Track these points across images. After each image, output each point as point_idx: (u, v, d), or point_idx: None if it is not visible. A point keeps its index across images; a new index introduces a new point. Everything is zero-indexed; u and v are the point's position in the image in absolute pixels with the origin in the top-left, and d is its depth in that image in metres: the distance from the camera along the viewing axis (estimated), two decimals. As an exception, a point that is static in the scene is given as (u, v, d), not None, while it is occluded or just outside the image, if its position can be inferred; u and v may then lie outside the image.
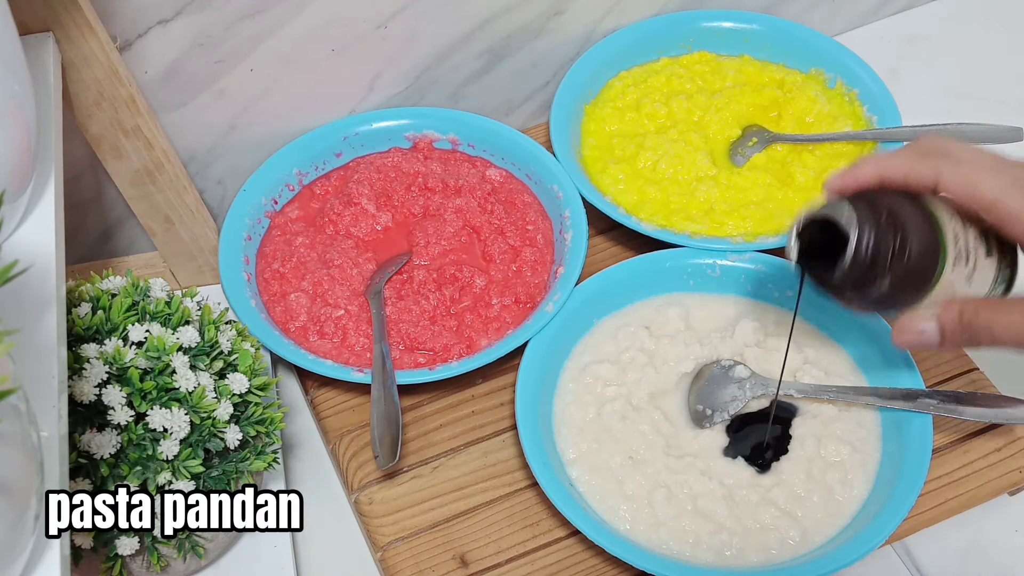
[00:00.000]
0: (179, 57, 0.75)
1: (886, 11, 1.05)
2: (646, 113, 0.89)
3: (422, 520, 0.71)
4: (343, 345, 0.75)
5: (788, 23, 0.92)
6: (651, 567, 0.64)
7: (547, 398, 0.73)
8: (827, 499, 0.69)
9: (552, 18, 0.89)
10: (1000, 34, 1.04)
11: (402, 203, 0.84)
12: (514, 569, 0.69)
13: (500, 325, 0.76)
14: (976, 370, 0.77)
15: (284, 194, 0.84)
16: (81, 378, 0.56)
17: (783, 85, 0.90)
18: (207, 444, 0.60)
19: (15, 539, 0.40)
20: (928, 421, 0.69)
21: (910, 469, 0.67)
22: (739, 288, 0.79)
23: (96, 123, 0.70)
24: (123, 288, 0.64)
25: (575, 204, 0.80)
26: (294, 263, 0.79)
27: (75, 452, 0.57)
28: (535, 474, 0.67)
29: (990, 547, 0.74)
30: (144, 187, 0.76)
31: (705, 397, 0.73)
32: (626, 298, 0.79)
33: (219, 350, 0.63)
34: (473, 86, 0.91)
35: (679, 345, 0.76)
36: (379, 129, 0.87)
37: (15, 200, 0.52)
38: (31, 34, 0.63)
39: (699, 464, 0.70)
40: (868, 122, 0.87)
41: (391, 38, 0.83)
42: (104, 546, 0.60)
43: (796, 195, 0.83)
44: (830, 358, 0.76)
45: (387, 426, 0.68)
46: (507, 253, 0.80)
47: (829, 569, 0.63)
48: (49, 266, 0.52)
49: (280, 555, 0.71)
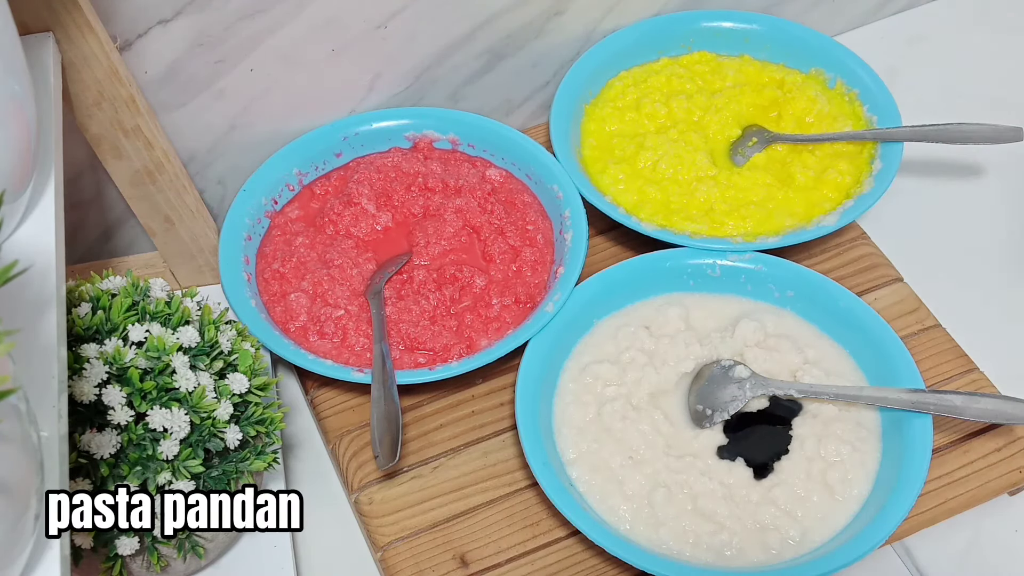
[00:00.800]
0: (179, 57, 0.75)
1: (886, 11, 1.05)
2: (646, 113, 0.89)
3: (422, 520, 0.71)
4: (343, 345, 0.75)
5: (788, 23, 0.92)
6: (651, 567, 0.64)
7: (547, 398, 0.73)
8: (827, 499, 0.69)
9: (552, 18, 0.89)
10: (1000, 34, 1.04)
11: (402, 203, 0.84)
12: (514, 569, 0.69)
13: (500, 325, 0.76)
14: (976, 370, 0.77)
15: (284, 194, 0.84)
16: (81, 378, 0.56)
17: (783, 85, 0.90)
18: (207, 444, 0.60)
19: (15, 539, 0.40)
20: (928, 421, 0.69)
21: (910, 469, 0.67)
22: (739, 288, 0.79)
23: (96, 123, 0.70)
24: (123, 288, 0.64)
25: (575, 204, 0.80)
26: (294, 263, 0.79)
27: (75, 452, 0.57)
28: (535, 474, 0.67)
29: (990, 547, 0.74)
30: (144, 187, 0.76)
31: (705, 397, 0.73)
32: (626, 298, 0.79)
33: (219, 350, 0.63)
34: (473, 86, 0.91)
35: (679, 345, 0.76)
36: (379, 129, 0.87)
37: (15, 200, 0.52)
38: (31, 34, 0.63)
39: (699, 464, 0.70)
40: (868, 122, 0.87)
41: (391, 38, 0.83)
42: (104, 546, 0.60)
43: (796, 195, 0.83)
44: (830, 358, 0.76)
45: (387, 426, 0.68)
46: (507, 253, 0.80)
47: (829, 569, 0.63)
48: (49, 266, 0.52)
49: (280, 555, 0.71)
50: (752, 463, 0.70)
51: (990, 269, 0.87)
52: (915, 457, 0.68)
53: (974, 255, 0.88)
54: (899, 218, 0.89)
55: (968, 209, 0.91)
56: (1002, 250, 0.88)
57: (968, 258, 0.88)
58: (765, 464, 0.70)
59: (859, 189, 0.81)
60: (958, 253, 0.88)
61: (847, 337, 0.76)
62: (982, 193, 0.92)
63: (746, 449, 0.71)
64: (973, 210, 0.91)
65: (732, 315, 0.78)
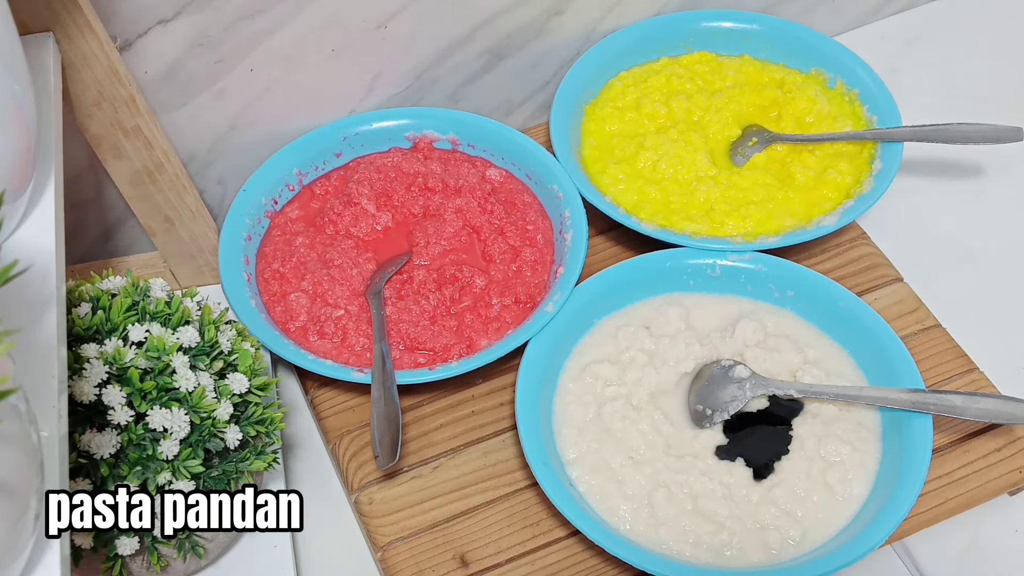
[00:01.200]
0: (179, 57, 0.75)
1: (886, 11, 1.05)
2: (646, 113, 0.89)
3: (422, 520, 0.71)
4: (343, 345, 0.75)
5: (788, 23, 0.92)
6: (651, 567, 0.64)
7: (547, 398, 0.73)
8: (827, 499, 0.69)
9: (552, 18, 0.89)
10: (1000, 34, 1.04)
11: (402, 203, 0.84)
12: (514, 569, 0.69)
13: (500, 325, 0.76)
14: (976, 370, 0.77)
15: (284, 194, 0.84)
16: (81, 378, 0.56)
17: (783, 85, 0.90)
18: (207, 444, 0.60)
19: (15, 539, 0.40)
20: (928, 421, 0.69)
21: (910, 469, 0.67)
22: (739, 288, 0.79)
23: (96, 123, 0.70)
24: (123, 288, 0.64)
25: (575, 204, 0.80)
26: (294, 263, 0.79)
27: (75, 452, 0.57)
28: (535, 474, 0.67)
29: (990, 547, 0.74)
30: (144, 187, 0.76)
31: (705, 397, 0.73)
32: (626, 298, 0.79)
33: (219, 350, 0.63)
34: (473, 86, 0.91)
35: (679, 345, 0.76)
36: (379, 129, 0.87)
37: (15, 200, 0.52)
38: (31, 34, 0.63)
39: (699, 464, 0.70)
40: (868, 122, 0.87)
41: (391, 38, 0.83)
42: (104, 546, 0.60)
43: (796, 195, 0.83)
44: (830, 358, 0.76)
45: (387, 426, 0.68)
46: (507, 253, 0.80)
47: (829, 569, 0.63)
48: (49, 266, 0.52)
49: (280, 555, 0.71)
50: (752, 463, 0.70)
51: (990, 269, 0.87)
52: (915, 457, 0.68)
53: (974, 255, 0.88)
54: (899, 218, 0.89)
55: (968, 209, 0.91)
56: (1002, 250, 0.88)
57: (968, 258, 0.88)
58: (765, 464, 0.70)
59: (859, 189, 0.81)
60: (958, 253, 0.88)
61: (847, 337, 0.76)
62: (982, 193, 0.92)
63: (746, 449, 0.71)
64: (973, 210, 0.91)
65: (732, 315, 0.78)
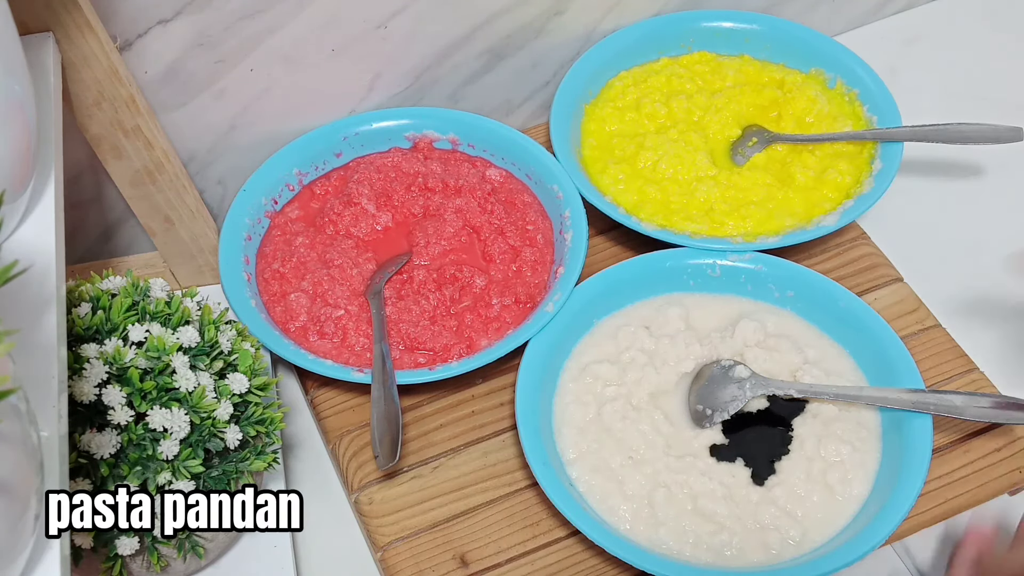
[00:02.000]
0: (179, 57, 0.75)
1: (886, 11, 1.05)
2: (646, 113, 0.89)
3: (422, 520, 0.71)
4: (343, 345, 0.75)
5: (788, 23, 0.92)
6: (651, 567, 0.64)
7: (547, 398, 0.73)
8: (827, 499, 0.69)
9: (552, 18, 0.89)
10: (1000, 34, 1.04)
11: (402, 203, 0.84)
12: (514, 569, 0.69)
13: (500, 325, 0.76)
14: (976, 370, 0.77)
15: (284, 194, 0.84)
16: (81, 378, 0.56)
17: (783, 85, 0.90)
18: (207, 444, 0.60)
19: (15, 539, 0.40)
20: (928, 421, 0.69)
21: (910, 469, 0.67)
22: (739, 288, 0.79)
23: (96, 123, 0.70)
24: (123, 288, 0.64)
25: (575, 204, 0.80)
26: (294, 263, 0.79)
27: (75, 452, 0.57)
28: (535, 474, 0.67)
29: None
30: (144, 187, 0.76)
31: (705, 397, 0.73)
32: (626, 298, 0.79)
33: (219, 350, 0.63)
34: (473, 86, 0.91)
35: (679, 345, 0.76)
36: (379, 129, 0.87)
37: (15, 200, 0.52)
38: (31, 34, 0.63)
39: (699, 464, 0.70)
40: (868, 122, 0.87)
41: (391, 38, 0.83)
42: (104, 546, 0.60)
43: (796, 195, 0.83)
44: (830, 358, 0.76)
45: (387, 426, 0.68)
46: (507, 253, 0.80)
47: (829, 569, 0.63)
48: (49, 266, 0.52)
49: (280, 555, 0.71)
50: (752, 463, 0.70)
51: (990, 269, 0.87)
52: (915, 457, 0.68)
53: (974, 255, 0.88)
54: (899, 218, 0.89)
55: (968, 209, 0.91)
56: (1002, 250, 0.88)
57: (968, 258, 0.88)
58: (765, 464, 0.70)
59: (859, 189, 0.81)
60: (958, 253, 0.88)
61: (847, 337, 0.76)
62: (982, 193, 0.92)
63: (746, 449, 0.71)
64: (973, 210, 0.91)
65: (732, 315, 0.78)
